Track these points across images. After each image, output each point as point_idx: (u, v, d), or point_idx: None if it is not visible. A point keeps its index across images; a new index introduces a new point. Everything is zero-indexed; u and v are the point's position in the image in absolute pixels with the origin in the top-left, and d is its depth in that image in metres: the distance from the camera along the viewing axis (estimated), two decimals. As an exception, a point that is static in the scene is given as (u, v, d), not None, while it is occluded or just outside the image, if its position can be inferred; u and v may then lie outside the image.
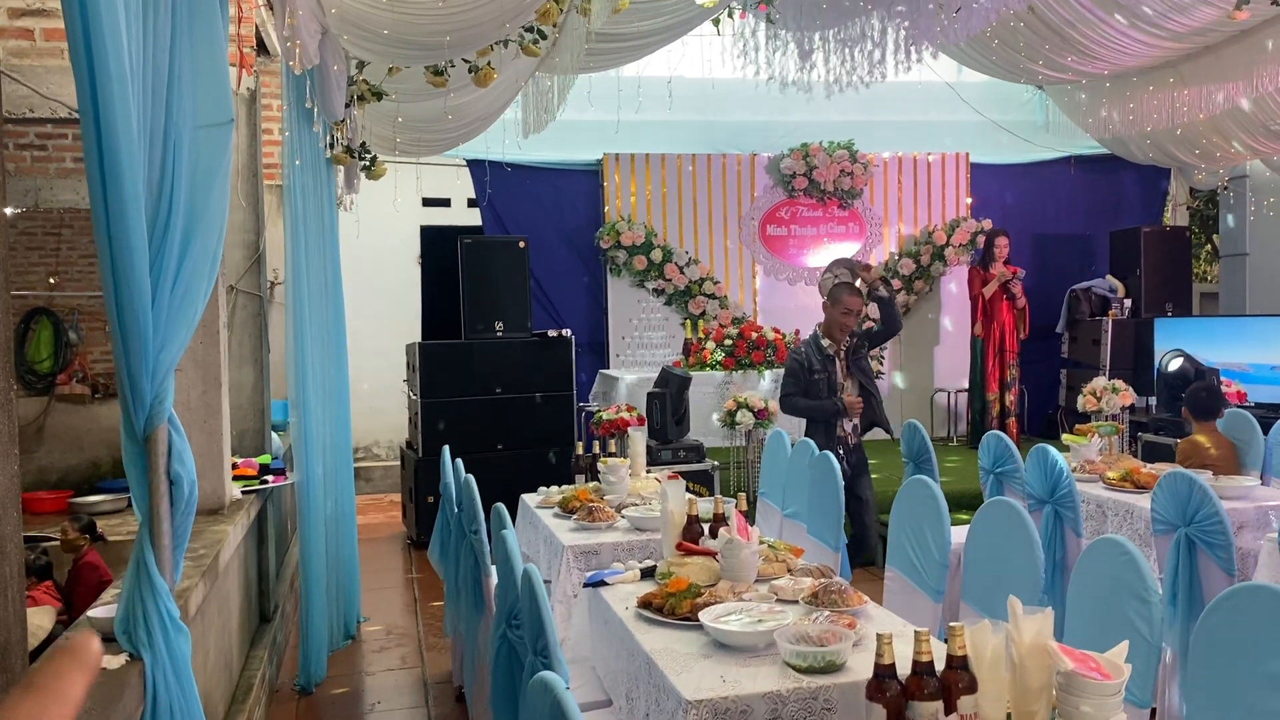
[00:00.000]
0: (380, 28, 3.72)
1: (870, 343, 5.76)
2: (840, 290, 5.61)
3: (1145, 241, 9.28)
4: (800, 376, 5.54)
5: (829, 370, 5.51)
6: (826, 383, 5.49)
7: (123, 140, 1.85)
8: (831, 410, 5.48)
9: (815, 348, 5.57)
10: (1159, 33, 7.24)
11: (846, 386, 5.54)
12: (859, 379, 5.60)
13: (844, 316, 5.53)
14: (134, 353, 2.06)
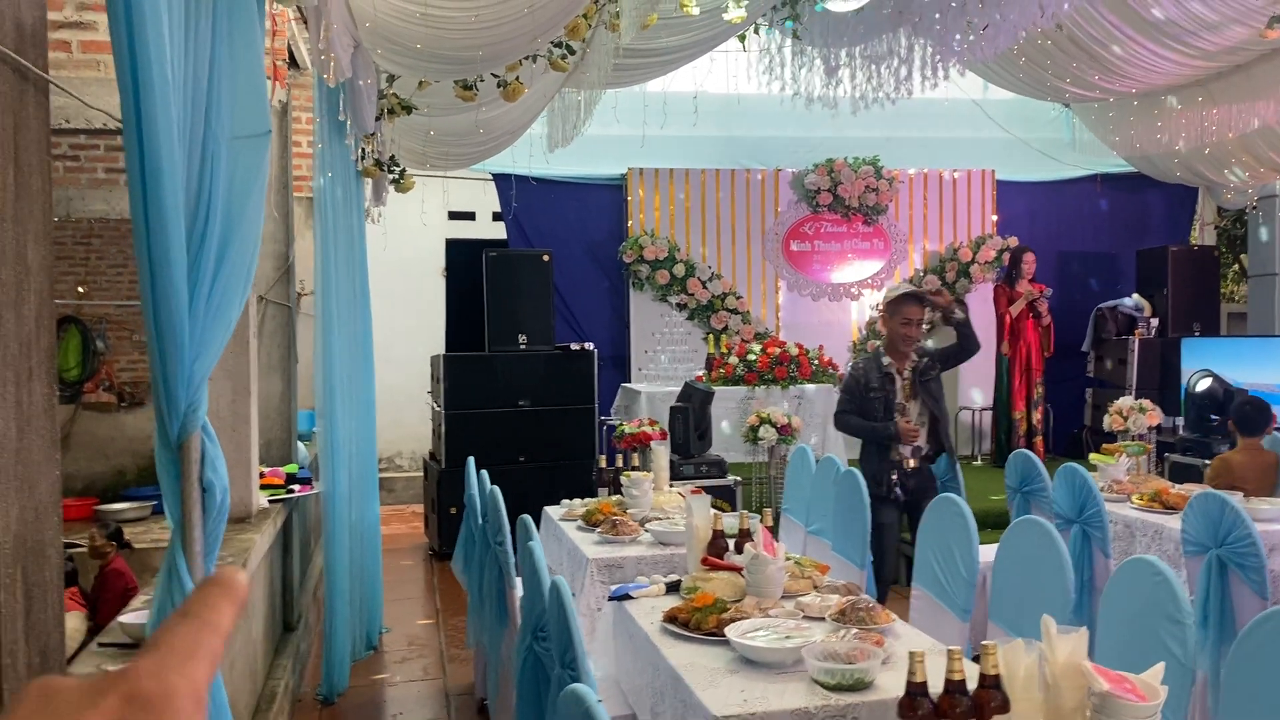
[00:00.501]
0: (413, 42, 3.76)
1: (943, 364, 5.19)
2: (899, 300, 5.07)
3: (1173, 260, 9.21)
4: (855, 393, 5.09)
5: (887, 389, 5.02)
6: (883, 402, 5.00)
7: (164, 149, 1.87)
8: (884, 434, 4.96)
9: (875, 364, 5.10)
10: (1189, 51, 7.20)
11: (908, 409, 5.03)
12: (926, 402, 5.07)
13: (904, 327, 5.00)
14: (170, 360, 2.08)
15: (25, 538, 1.38)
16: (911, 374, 5.07)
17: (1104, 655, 2.61)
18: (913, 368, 5.08)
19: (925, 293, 5.15)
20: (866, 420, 5.02)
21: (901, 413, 5.00)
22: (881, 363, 5.10)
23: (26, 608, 1.38)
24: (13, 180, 1.35)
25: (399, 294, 9.27)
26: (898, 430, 4.92)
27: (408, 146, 6.12)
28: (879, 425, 4.97)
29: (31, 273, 1.42)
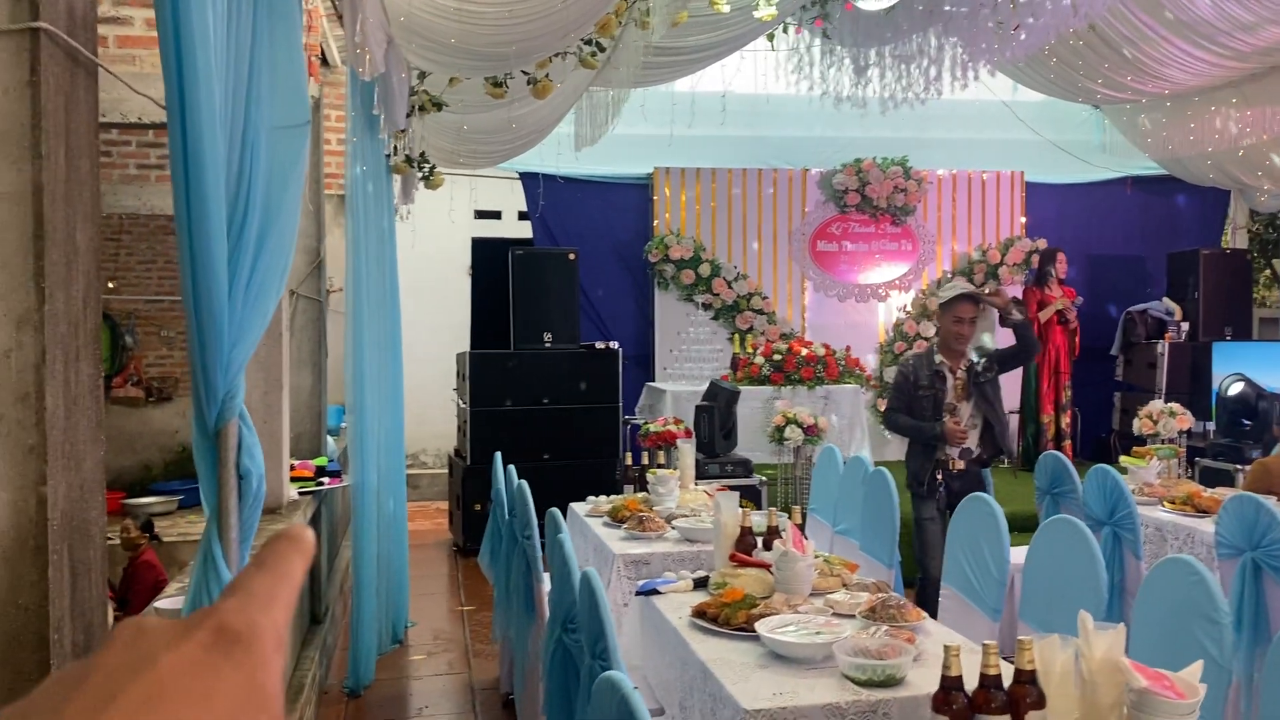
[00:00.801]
0: (447, 37, 3.77)
1: (1002, 365, 5.00)
2: (953, 300, 4.93)
3: (1204, 264, 9.12)
4: (904, 391, 4.95)
5: (936, 388, 4.85)
6: (932, 401, 4.84)
7: (206, 137, 1.88)
8: (929, 434, 4.81)
9: (926, 361, 4.94)
10: (1223, 52, 7.13)
11: (960, 410, 4.84)
12: (979, 405, 4.87)
13: (955, 325, 4.85)
14: (209, 347, 2.10)
15: (71, 515, 1.39)
16: (966, 374, 4.89)
17: (1138, 654, 2.58)
18: (968, 368, 4.89)
19: (980, 293, 5.00)
20: (915, 419, 4.88)
21: (951, 413, 4.83)
22: (933, 360, 4.93)
23: (72, 585, 1.39)
24: (63, 161, 1.37)
25: (423, 292, 9.31)
26: (944, 431, 4.76)
27: (436, 144, 6.15)
28: (924, 425, 4.82)
29: (80, 254, 1.43)
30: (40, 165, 1.29)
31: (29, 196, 1.29)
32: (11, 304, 1.29)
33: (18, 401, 1.29)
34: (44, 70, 1.29)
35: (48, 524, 1.32)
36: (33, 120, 1.29)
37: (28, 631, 1.31)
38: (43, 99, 1.29)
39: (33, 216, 1.30)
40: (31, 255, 1.30)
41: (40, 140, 1.29)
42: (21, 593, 1.31)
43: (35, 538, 1.31)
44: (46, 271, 1.30)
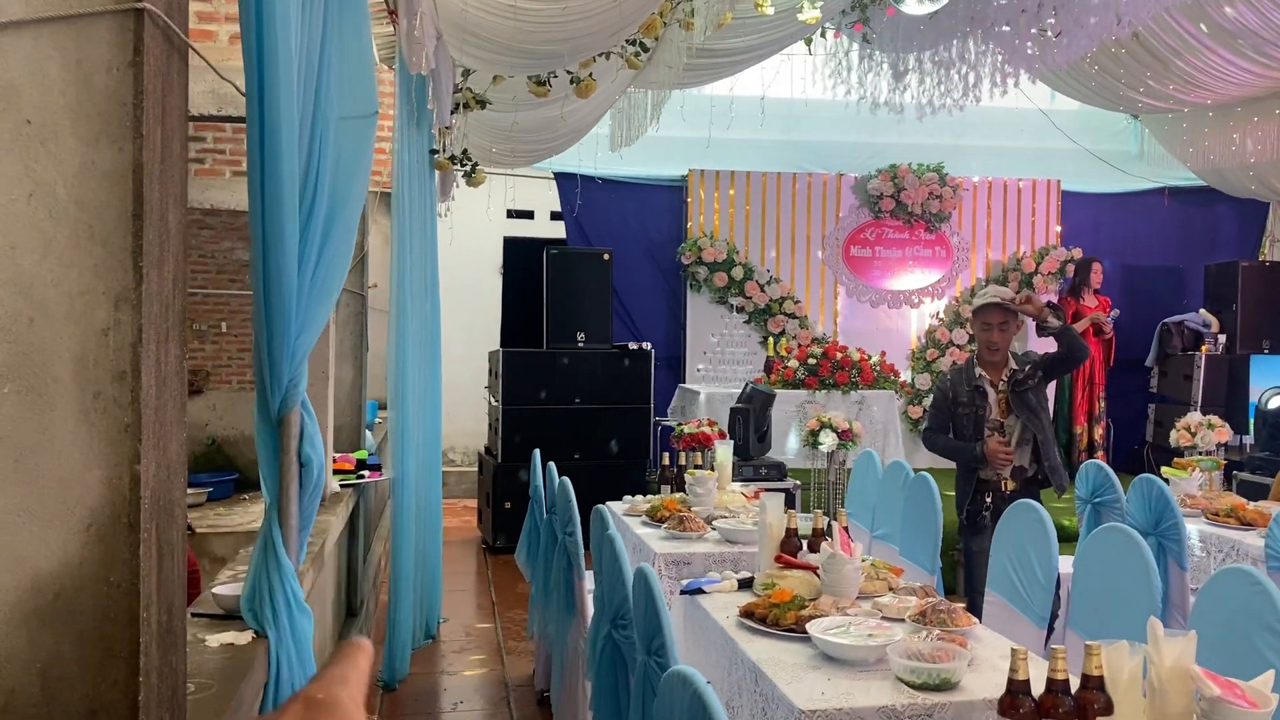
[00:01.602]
0: (501, 35, 3.78)
1: (1046, 374, 4.51)
2: (983, 307, 4.52)
3: (1243, 276, 9.02)
4: (943, 408, 4.57)
5: (977, 404, 4.43)
6: (972, 419, 4.42)
7: (284, 125, 1.89)
8: (969, 455, 4.40)
9: (965, 376, 4.52)
10: (1268, 62, 7.06)
11: (1006, 427, 4.42)
12: (1021, 414, 4.42)
13: (984, 332, 4.46)
14: (276, 334, 2.11)
15: (159, 495, 1.40)
16: (1007, 385, 4.44)
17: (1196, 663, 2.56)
18: (1009, 378, 4.46)
19: (1009, 302, 4.49)
20: (955, 439, 4.49)
21: (997, 431, 4.40)
22: (973, 374, 4.50)
23: (159, 564, 1.40)
24: (159, 143, 1.38)
25: (455, 290, 9.33)
26: (984, 451, 4.35)
27: (475, 142, 6.17)
28: (964, 445, 4.44)
29: (171, 235, 1.44)
30: (141, 145, 1.30)
31: (129, 176, 1.30)
32: (110, 282, 1.30)
33: (115, 380, 1.30)
34: (146, 51, 1.30)
35: (140, 502, 1.32)
36: (135, 100, 1.30)
37: (119, 609, 1.32)
38: (144, 79, 1.30)
39: (132, 195, 1.31)
40: (130, 234, 1.30)
41: (141, 120, 1.30)
42: (114, 570, 1.32)
43: (128, 515, 1.32)
44: (144, 251, 1.31)
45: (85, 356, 1.28)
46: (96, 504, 1.30)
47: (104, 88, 1.29)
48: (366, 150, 2.38)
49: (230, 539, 6.35)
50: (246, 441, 8.59)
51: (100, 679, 1.30)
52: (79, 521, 1.29)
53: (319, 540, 3.28)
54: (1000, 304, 4.46)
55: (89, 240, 1.28)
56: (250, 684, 2.08)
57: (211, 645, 2.15)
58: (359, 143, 2.36)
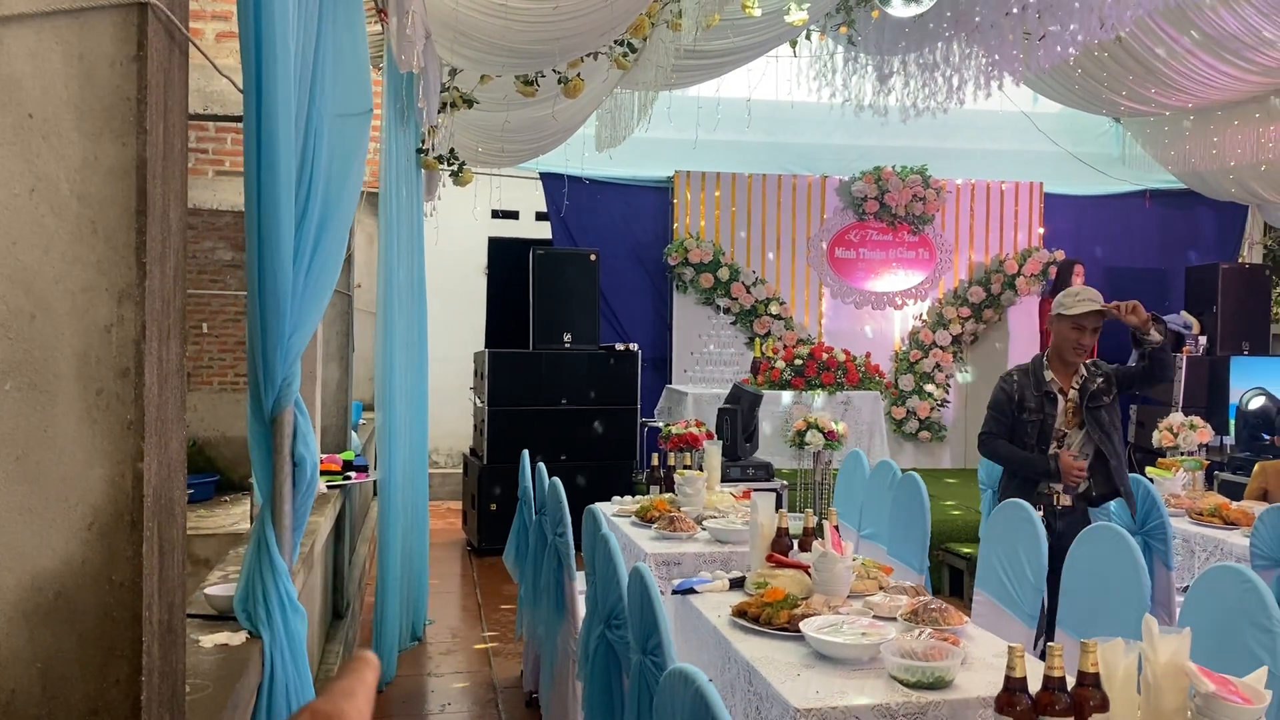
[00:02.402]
0: (491, 34, 3.78)
1: (1121, 386, 4.11)
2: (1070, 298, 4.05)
3: (1223, 278, 9.11)
4: (1005, 412, 4.10)
5: (1045, 411, 4.01)
6: (1038, 428, 4.01)
7: (281, 121, 1.88)
8: (1040, 469, 3.99)
9: (1032, 377, 4.06)
10: (1248, 67, 7.13)
11: (1070, 438, 4.03)
12: (1093, 433, 4.01)
13: (1075, 332, 3.96)
14: (270, 332, 2.09)
15: (161, 493, 1.39)
16: (1079, 394, 4.04)
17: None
18: (1079, 386, 4.04)
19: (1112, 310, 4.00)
20: (1018, 447, 4.06)
21: (1060, 443, 4.03)
22: (1042, 376, 4.05)
23: (160, 563, 1.39)
24: (161, 139, 1.37)
25: (439, 291, 9.30)
26: (1058, 466, 3.94)
27: (460, 142, 6.15)
28: (1035, 457, 4.00)
29: (172, 232, 1.43)
30: (144, 140, 1.29)
31: (133, 171, 1.29)
32: (114, 278, 1.29)
33: (118, 376, 1.29)
34: (149, 45, 1.29)
35: (143, 500, 1.31)
36: (138, 95, 1.29)
37: (121, 607, 1.31)
38: (148, 74, 1.29)
39: (135, 191, 1.30)
40: (134, 230, 1.29)
41: (144, 115, 1.29)
42: (116, 569, 1.31)
43: (131, 514, 1.31)
44: (147, 247, 1.30)
45: (88, 353, 1.27)
46: (99, 502, 1.29)
47: (107, 82, 1.28)
48: (360, 148, 2.37)
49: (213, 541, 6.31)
50: (228, 443, 8.54)
51: (102, 678, 1.29)
52: (81, 520, 1.28)
53: (309, 541, 3.26)
54: (1101, 311, 3.99)
55: (92, 236, 1.27)
56: (245, 684, 2.06)
57: (206, 646, 2.13)
58: (353, 141, 2.35)
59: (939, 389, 9.50)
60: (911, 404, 9.41)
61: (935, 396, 9.48)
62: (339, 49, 2.29)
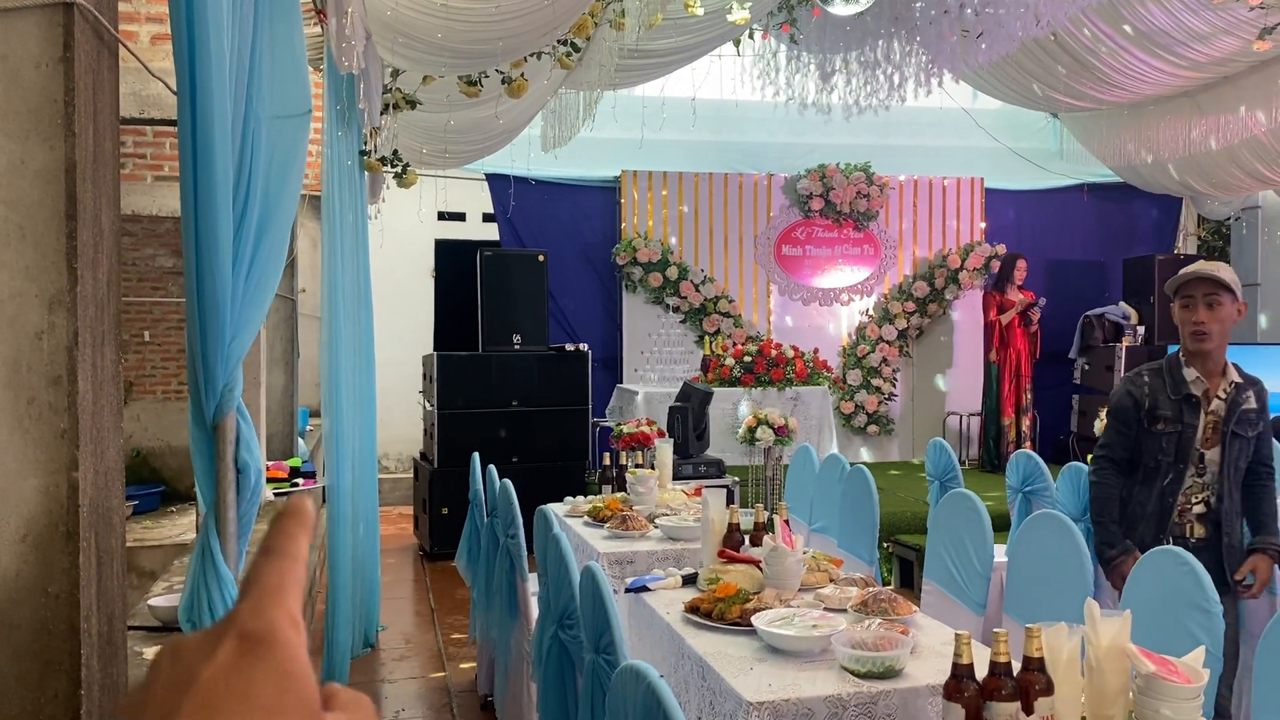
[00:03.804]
0: (432, 34, 3.75)
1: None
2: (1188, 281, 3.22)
3: (1160, 269, 9.32)
4: (1129, 422, 3.26)
5: (1185, 422, 3.19)
6: (1176, 443, 3.18)
7: (217, 124, 1.86)
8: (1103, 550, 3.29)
9: (1168, 377, 3.24)
10: (1180, 62, 7.30)
11: (1208, 461, 3.22)
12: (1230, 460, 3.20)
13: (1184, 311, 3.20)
14: (210, 338, 2.06)
15: (98, 503, 1.36)
16: (1226, 405, 3.21)
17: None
18: (1230, 396, 3.21)
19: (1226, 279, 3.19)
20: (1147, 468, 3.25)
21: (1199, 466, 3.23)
22: (1181, 376, 3.22)
23: (98, 573, 1.36)
24: (91, 142, 1.34)
25: (386, 294, 9.22)
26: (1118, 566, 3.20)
27: (404, 143, 6.10)
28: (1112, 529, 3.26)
29: (104, 236, 1.40)
30: (73, 143, 1.27)
31: (61, 175, 1.27)
32: (44, 284, 1.26)
33: (50, 384, 1.27)
34: (76, 46, 1.27)
35: (79, 511, 1.29)
36: (66, 97, 1.26)
37: (58, 620, 1.28)
38: (75, 75, 1.27)
39: (65, 195, 1.27)
40: (64, 235, 1.27)
41: (73, 118, 1.27)
42: (52, 580, 1.28)
43: (66, 524, 1.28)
44: (78, 252, 1.27)
45: (18, 361, 1.24)
46: (32, 513, 1.26)
47: (33, 84, 1.26)
48: (300, 150, 2.35)
49: (159, 552, 6.19)
50: (173, 453, 8.39)
51: (40, 693, 1.26)
52: (14, 532, 1.25)
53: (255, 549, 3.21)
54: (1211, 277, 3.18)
55: (20, 241, 1.24)
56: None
57: (149, 658, 2.09)
58: (292, 143, 2.32)
59: (886, 383, 9.61)
60: (860, 398, 9.50)
61: (883, 391, 9.58)
62: (276, 49, 2.26)
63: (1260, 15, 6.50)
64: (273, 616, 0.53)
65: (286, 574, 0.55)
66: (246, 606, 0.54)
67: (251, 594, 0.54)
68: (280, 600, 0.54)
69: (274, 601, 0.54)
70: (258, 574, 0.55)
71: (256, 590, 0.55)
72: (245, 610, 0.53)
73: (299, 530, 0.58)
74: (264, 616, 0.53)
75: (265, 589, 0.55)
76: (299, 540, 0.57)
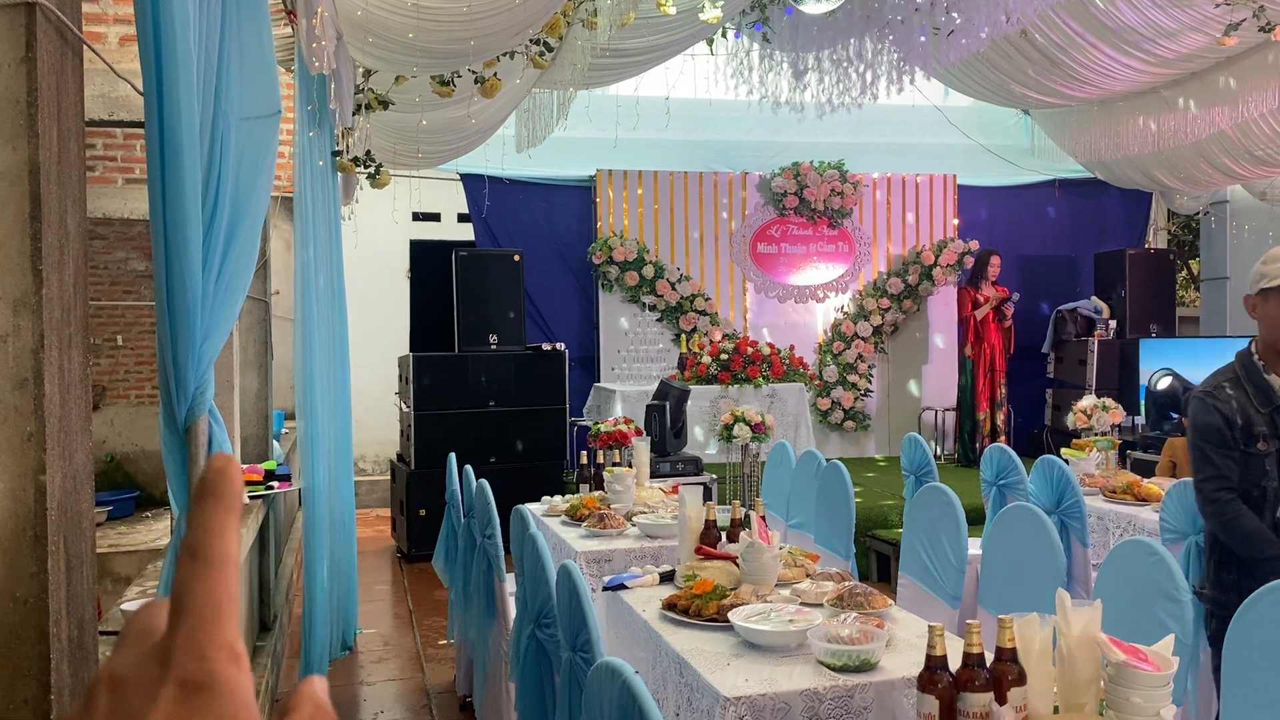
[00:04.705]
0: (404, 34, 3.74)
1: None
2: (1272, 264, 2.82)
3: (1130, 263, 9.42)
4: (1223, 442, 2.81)
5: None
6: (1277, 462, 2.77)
7: (184, 124, 1.84)
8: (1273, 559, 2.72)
9: (1253, 389, 2.82)
10: (1147, 58, 7.37)
11: None
12: None
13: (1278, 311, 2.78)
14: (180, 340, 2.05)
15: (66, 507, 1.35)
16: None
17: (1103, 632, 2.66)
18: None
19: None
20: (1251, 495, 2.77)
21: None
22: (1267, 384, 2.81)
23: (68, 578, 1.35)
24: (55, 143, 1.33)
25: (361, 295, 9.17)
26: None
27: (377, 144, 6.08)
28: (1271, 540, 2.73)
29: (70, 238, 1.39)
30: (36, 144, 1.26)
31: (25, 176, 1.26)
32: (8, 286, 1.25)
33: (16, 388, 1.25)
34: (39, 47, 1.26)
35: (47, 514, 1.28)
36: (29, 98, 1.25)
37: (27, 626, 1.27)
38: (38, 76, 1.26)
39: (29, 197, 1.26)
40: (28, 237, 1.26)
41: (36, 119, 1.26)
42: (20, 585, 1.27)
43: (34, 528, 1.27)
44: (44, 254, 1.27)
45: (-17, 364, 1.23)
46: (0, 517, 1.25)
47: (-5, 85, 1.24)
48: (270, 151, 2.33)
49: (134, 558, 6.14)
50: (147, 458, 8.32)
51: (9, 698, 1.25)
52: (-19, 536, 1.24)
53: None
54: None
55: (-17, 243, 1.24)
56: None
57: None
58: (261, 143, 2.31)
59: (862, 379, 9.66)
60: (836, 395, 9.55)
61: (859, 387, 9.63)
62: (244, 49, 2.25)
63: (1226, 11, 6.58)
64: (211, 659, 0.49)
65: (219, 591, 0.50)
66: (182, 644, 0.49)
67: (184, 624, 0.49)
68: (217, 632, 0.49)
69: (210, 636, 0.49)
70: (187, 593, 0.50)
71: (189, 620, 0.49)
72: (181, 648, 0.49)
73: (225, 519, 0.51)
74: (202, 658, 0.49)
75: (200, 618, 0.49)
76: (227, 534, 0.51)
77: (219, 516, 0.51)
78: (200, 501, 0.51)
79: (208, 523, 0.51)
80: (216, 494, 0.52)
